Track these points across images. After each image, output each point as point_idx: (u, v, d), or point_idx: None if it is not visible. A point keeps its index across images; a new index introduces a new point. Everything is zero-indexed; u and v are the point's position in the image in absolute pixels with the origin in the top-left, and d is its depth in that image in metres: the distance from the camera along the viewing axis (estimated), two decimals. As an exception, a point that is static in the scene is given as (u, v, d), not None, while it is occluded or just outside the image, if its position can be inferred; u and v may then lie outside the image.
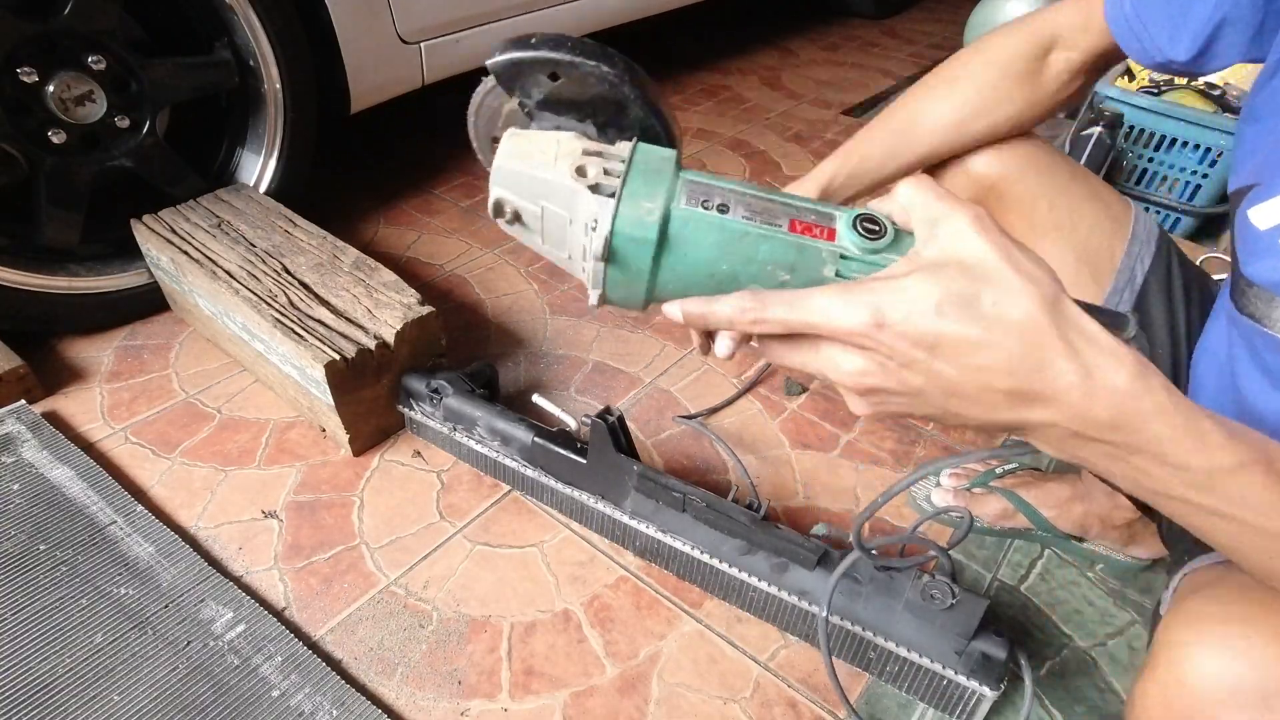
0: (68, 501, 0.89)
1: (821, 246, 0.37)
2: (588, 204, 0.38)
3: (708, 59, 2.50)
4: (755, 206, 0.38)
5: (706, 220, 0.38)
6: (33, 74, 0.99)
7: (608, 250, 0.38)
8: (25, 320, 1.09)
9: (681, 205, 0.38)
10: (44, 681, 0.72)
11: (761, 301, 0.36)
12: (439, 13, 1.37)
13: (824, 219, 0.38)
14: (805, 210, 0.38)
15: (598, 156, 0.40)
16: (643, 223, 0.37)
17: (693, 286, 0.39)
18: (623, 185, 0.38)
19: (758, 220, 0.38)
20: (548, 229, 0.42)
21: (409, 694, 0.76)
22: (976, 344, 0.33)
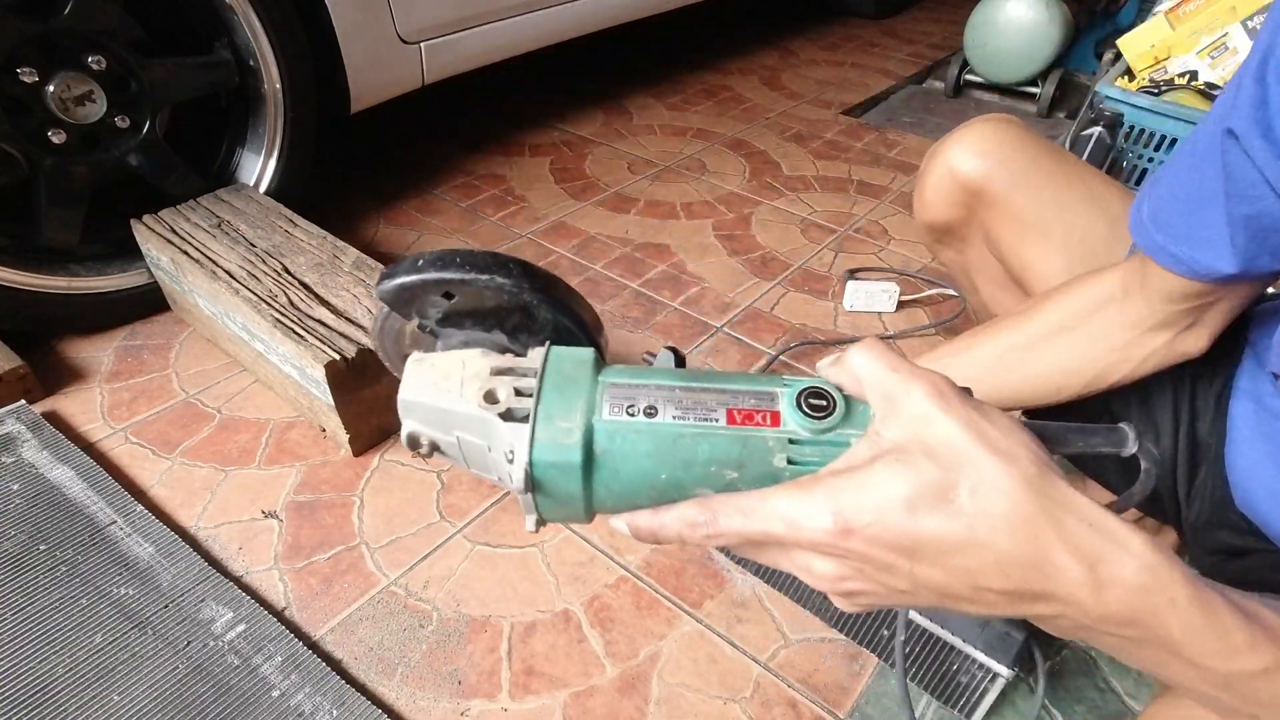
0: (68, 501, 0.89)
1: (767, 435, 0.33)
2: (501, 433, 0.35)
3: (708, 59, 2.50)
4: (686, 402, 0.34)
5: (635, 429, 0.34)
6: (33, 74, 0.99)
7: (529, 481, 0.34)
8: (25, 320, 1.09)
9: (605, 416, 0.34)
10: (44, 681, 0.72)
11: (713, 513, 0.32)
12: (439, 13, 1.37)
13: (764, 400, 0.34)
14: (743, 395, 0.35)
15: (508, 374, 0.37)
16: (562, 446, 0.33)
17: (635, 498, 0.35)
18: (536, 405, 0.34)
19: (691, 418, 0.34)
20: (468, 456, 0.39)
21: (409, 694, 0.76)
22: (960, 545, 0.29)
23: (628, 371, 0.37)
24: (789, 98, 2.24)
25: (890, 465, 0.30)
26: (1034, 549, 0.28)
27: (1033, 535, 0.28)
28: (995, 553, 0.28)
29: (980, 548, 0.28)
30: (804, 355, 1.23)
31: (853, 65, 2.52)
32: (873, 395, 0.33)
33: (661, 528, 0.34)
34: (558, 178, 1.74)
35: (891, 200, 1.70)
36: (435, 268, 0.40)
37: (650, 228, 1.56)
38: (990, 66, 2.20)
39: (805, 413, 0.33)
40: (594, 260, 1.44)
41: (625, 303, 1.33)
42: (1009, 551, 0.28)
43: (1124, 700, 0.79)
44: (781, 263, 1.47)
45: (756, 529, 0.31)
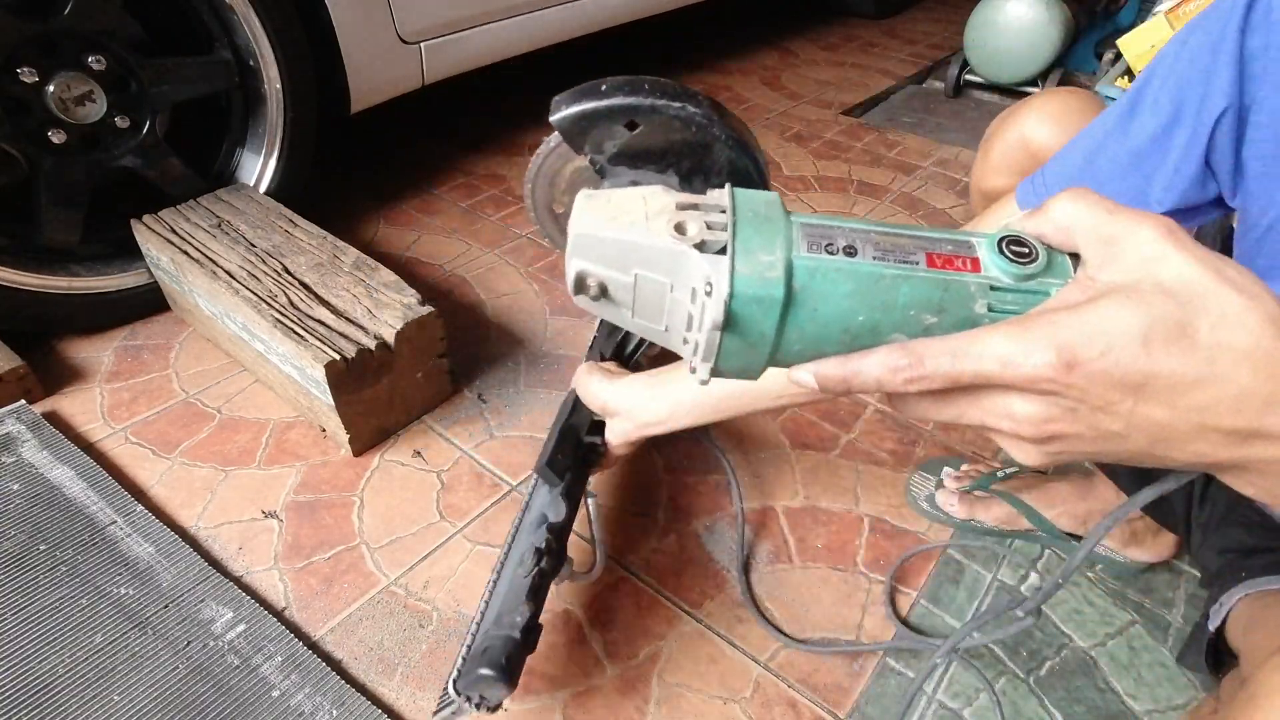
0: (68, 501, 0.89)
1: (969, 280, 0.32)
2: (696, 266, 0.33)
3: (708, 59, 2.50)
4: (884, 244, 0.33)
5: (835, 268, 0.32)
6: (33, 74, 0.99)
7: (728, 315, 0.32)
8: (25, 320, 1.09)
9: (803, 253, 0.32)
10: (44, 681, 0.72)
11: (917, 355, 0.31)
12: (439, 13, 1.37)
13: (963, 248, 0.33)
14: (940, 241, 0.33)
15: (694, 209, 0.34)
16: (765, 279, 0.32)
17: (824, 345, 0.33)
18: (733, 239, 0.32)
19: (891, 260, 0.32)
20: (642, 300, 0.36)
21: (409, 694, 0.76)
22: (1198, 380, 0.27)
23: (818, 216, 0.35)
24: (789, 98, 2.24)
25: (1120, 301, 0.28)
26: (1273, 385, 0.27)
27: (1275, 373, 0.27)
28: (1235, 387, 0.27)
29: (1219, 382, 0.27)
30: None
31: (853, 65, 2.52)
32: (1087, 242, 0.31)
33: (855, 374, 0.32)
34: (558, 178, 1.73)
35: (892, 200, 1.70)
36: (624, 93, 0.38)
37: (650, 228, 1.56)
38: (990, 66, 2.20)
39: (1009, 258, 0.32)
40: (594, 260, 1.44)
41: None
42: (1249, 386, 0.27)
43: (1124, 700, 0.79)
44: (781, 263, 1.47)
45: (968, 369, 0.30)
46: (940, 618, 0.86)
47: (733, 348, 0.33)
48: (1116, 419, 0.29)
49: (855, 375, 0.32)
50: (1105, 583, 0.90)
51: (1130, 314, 0.28)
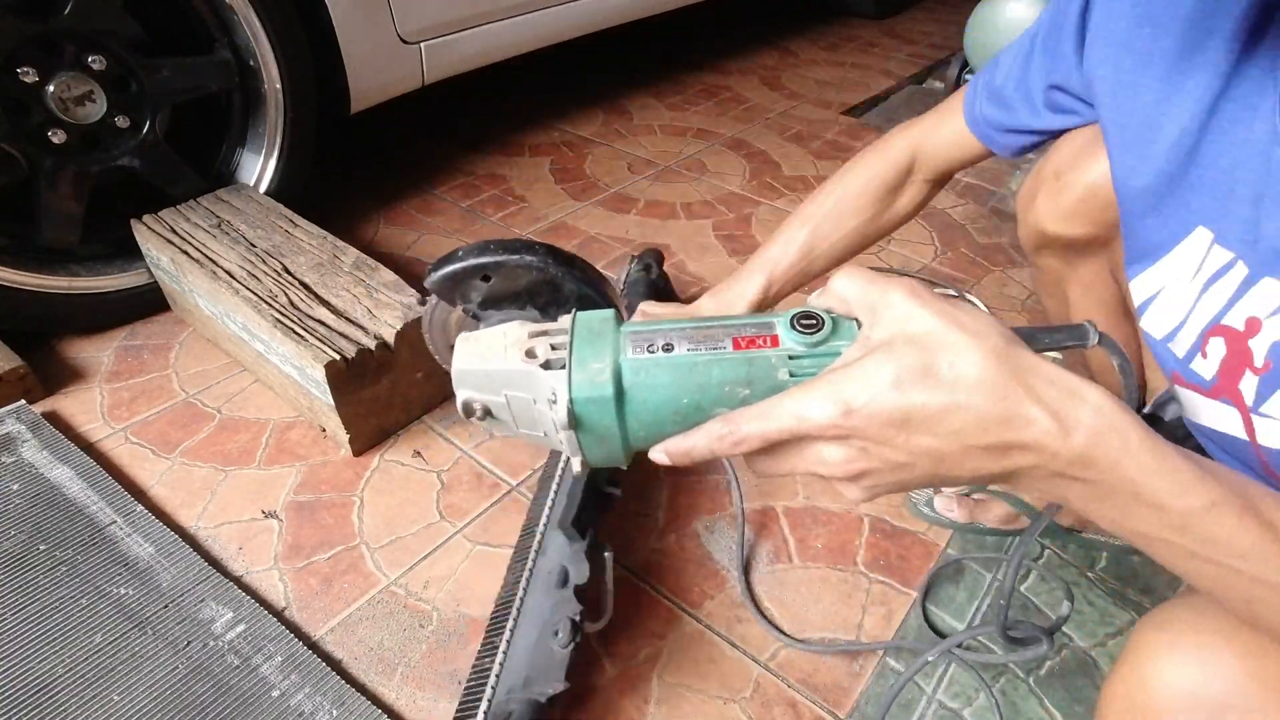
0: (68, 501, 0.89)
1: (770, 354, 0.39)
2: (543, 381, 0.40)
3: (708, 59, 2.50)
4: (696, 337, 0.40)
5: (655, 363, 0.39)
6: (33, 74, 0.99)
7: (572, 417, 0.39)
8: (25, 320, 1.09)
9: (629, 355, 0.40)
10: (44, 681, 0.72)
11: (734, 423, 0.37)
12: (439, 13, 1.37)
13: (763, 328, 0.40)
14: (744, 326, 0.40)
15: (542, 336, 0.42)
16: (595, 383, 0.39)
17: (663, 427, 0.40)
18: (570, 354, 0.40)
19: (702, 349, 0.39)
20: (516, 414, 0.44)
21: (409, 694, 0.76)
22: (944, 410, 0.33)
23: (644, 323, 0.42)
24: (789, 98, 2.24)
25: (878, 356, 0.34)
26: (1006, 405, 0.33)
27: (1004, 394, 0.33)
28: (975, 412, 0.33)
29: (962, 410, 0.33)
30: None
31: (853, 65, 2.52)
32: (858, 309, 0.38)
33: (693, 447, 0.39)
34: (558, 178, 1.74)
35: (891, 200, 1.70)
36: (474, 255, 0.47)
37: (650, 228, 1.56)
38: (990, 66, 2.19)
39: (799, 331, 0.38)
40: (594, 260, 1.44)
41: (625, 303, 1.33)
42: (987, 409, 0.33)
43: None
44: (781, 263, 1.47)
45: (773, 428, 0.36)
46: (940, 617, 0.86)
47: (590, 442, 0.41)
48: (898, 450, 0.34)
49: (693, 448, 0.39)
50: (1105, 583, 0.90)
51: (886, 364, 0.34)
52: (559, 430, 0.41)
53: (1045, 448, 0.33)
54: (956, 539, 0.94)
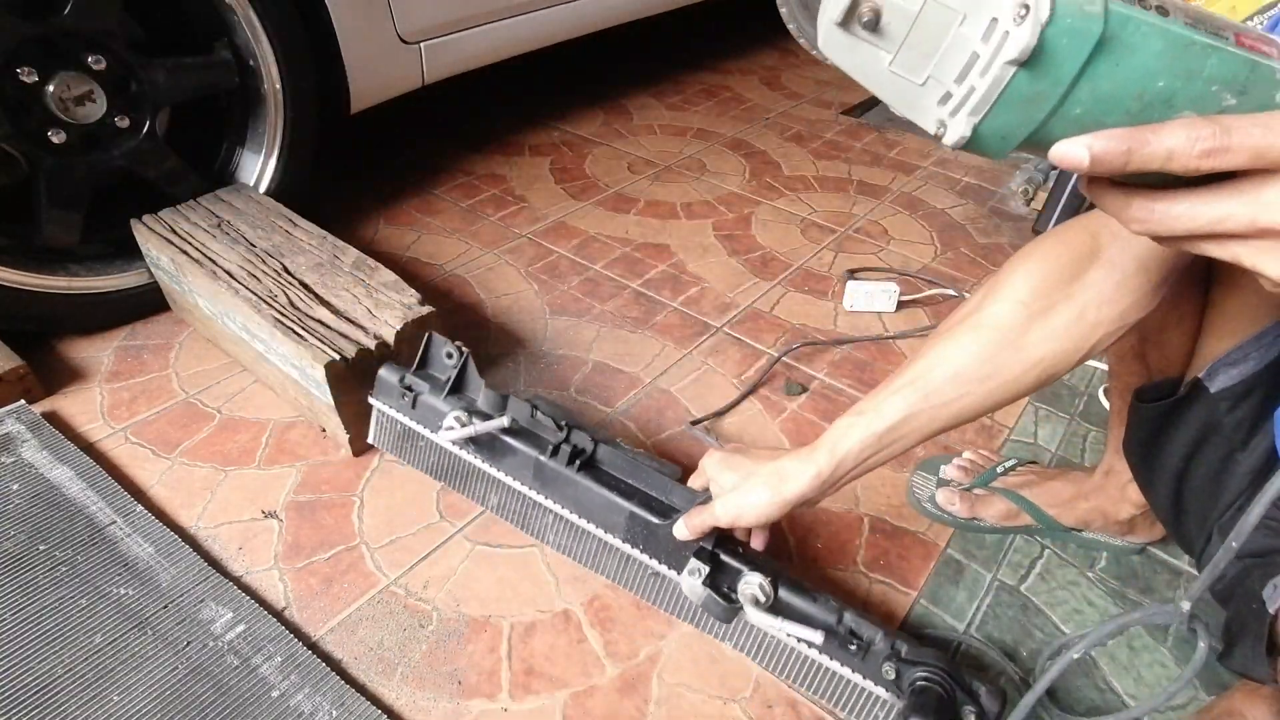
0: (67, 501, 0.89)
1: (1277, 66, 0.30)
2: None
3: (708, 59, 2.50)
4: (1194, 14, 0.30)
5: (1149, 23, 0.29)
6: (33, 74, 0.99)
7: (1039, 45, 0.29)
8: (25, 320, 1.09)
9: (1116, 5, 0.29)
10: (44, 681, 0.72)
11: (1223, 125, 0.28)
12: (439, 13, 1.37)
13: (1270, 41, 0.31)
14: (1248, 29, 0.31)
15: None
16: (1086, 11, 0.29)
17: (1110, 112, 0.31)
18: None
19: (1202, 29, 0.30)
20: (919, 34, 0.32)
21: (409, 694, 0.76)
22: None
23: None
24: (789, 98, 2.24)
25: None
26: None
27: None
28: None
29: None
30: (804, 356, 1.23)
31: (853, 65, 2.52)
32: None
33: (1143, 144, 0.29)
34: (558, 178, 1.74)
35: (891, 200, 1.70)
36: None
37: (650, 228, 1.56)
38: (990, 66, 2.19)
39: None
40: (594, 260, 1.44)
41: (625, 303, 1.33)
42: None
43: (1124, 700, 0.79)
44: (782, 263, 1.47)
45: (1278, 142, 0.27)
46: (940, 617, 0.86)
47: (1017, 95, 0.30)
48: None
49: (1144, 144, 0.29)
50: (1105, 583, 0.90)
51: None
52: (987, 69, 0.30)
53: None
54: (957, 539, 0.94)
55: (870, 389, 1.15)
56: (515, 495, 0.85)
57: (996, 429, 1.11)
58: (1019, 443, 1.09)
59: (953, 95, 0.31)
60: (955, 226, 1.61)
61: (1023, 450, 1.08)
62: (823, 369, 1.21)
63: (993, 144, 0.32)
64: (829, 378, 1.19)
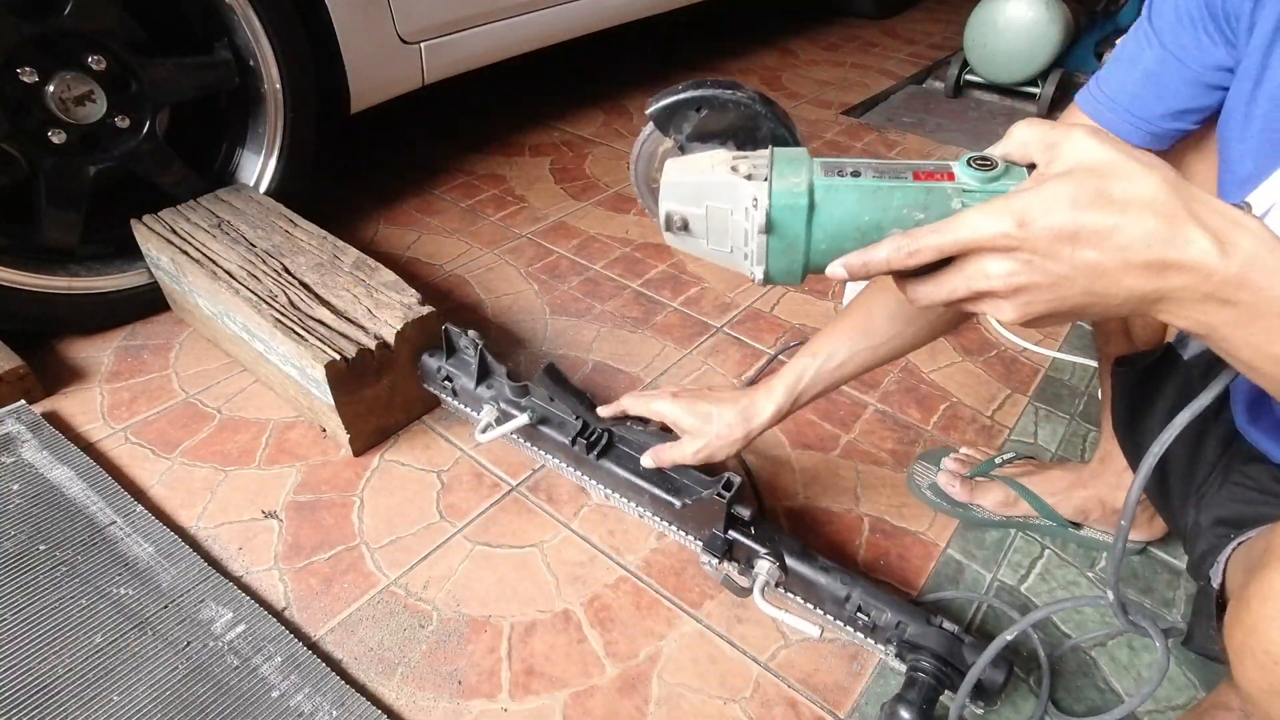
0: (68, 501, 0.89)
1: (946, 186, 0.43)
2: (745, 190, 0.46)
3: (708, 59, 2.50)
4: (881, 168, 0.45)
5: (844, 184, 0.44)
6: (33, 74, 0.99)
7: (769, 222, 0.45)
8: (25, 320, 1.09)
9: (821, 177, 0.45)
10: (44, 681, 0.72)
11: (912, 236, 0.41)
12: (439, 13, 1.37)
13: (940, 166, 0.44)
14: (924, 164, 0.45)
15: (745, 159, 0.48)
16: (793, 193, 0.45)
17: (843, 242, 0.45)
18: (770, 170, 0.46)
19: (886, 177, 0.44)
20: (711, 226, 0.49)
21: (409, 694, 0.76)
22: (1113, 227, 0.36)
23: (834, 157, 0.47)
24: (789, 98, 2.24)
25: (1057, 180, 0.38)
26: (1172, 226, 0.36)
27: (1171, 215, 0.36)
28: (1142, 228, 0.36)
29: (1129, 226, 0.36)
30: (804, 355, 1.23)
31: (853, 65, 2.52)
32: (1037, 151, 0.41)
33: (871, 258, 0.43)
34: (558, 178, 1.74)
35: (891, 200, 1.70)
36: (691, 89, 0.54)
37: (650, 228, 1.56)
38: (990, 66, 2.19)
39: (974, 168, 0.43)
40: (594, 260, 1.44)
41: (625, 303, 1.33)
42: (1152, 227, 0.36)
43: (1124, 700, 0.79)
44: (781, 263, 1.47)
45: (948, 239, 0.40)
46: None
47: (777, 249, 0.46)
48: (1061, 264, 0.38)
49: (871, 259, 0.43)
50: (1105, 583, 0.90)
51: (1065, 186, 0.37)
52: (751, 239, 0.46)
53: (1202, 267, 0.36)
54: (957, 539, 0.94)
55: (868, 388, 1.15)
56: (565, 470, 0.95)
57: (996, 429, 1.11)
58: (1019, 442, 1.09)
59: (747, 255, 0.48)
60: (955, 226, 1.60)
61: (1023, 450, 1.08)
62: (823, 369, 1.20)
63: (784, 278, 0.48)
64: (829, 378, 1.19)
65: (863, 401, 1.15)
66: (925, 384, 1.19)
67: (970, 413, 1.14)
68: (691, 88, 0.54)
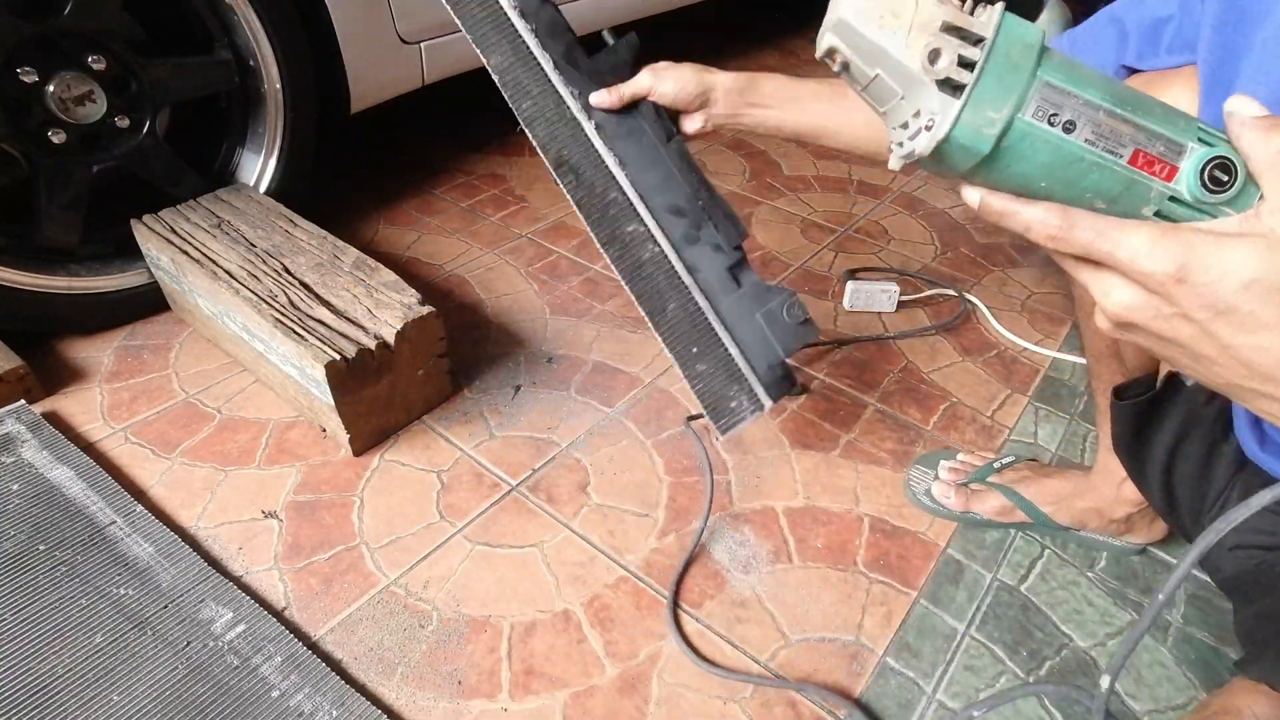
0: (67, 501, 0.89)
1: (1154, 185, 0.35)
2: (930, 97, 0.36)
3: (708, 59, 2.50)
4: (1105, 128, 0.35)
5: (1045, 139, 0.35)
6: (33, 74, 0.99)
7: (936, 152, 0.36)
8: (25, 320, 1.09)
9: (1028, 116, 0.35)
10: (44, 681, 0.72)
11: (1070, 222, 0.35)
12: (439, 13, 1.37)
13: (1172, 151, 0.35)
14: (1156, 139, 0.35)
15: (956, 35, 0.36)
16: (980, 134, 0.35)
17: (1002, 185, 0.37)
18: (973, 85, 0.35)
19: (1099, 146, 0.35)
20: (875, 90, 0.39)
21: (409, 694, 0.76)
22: (1264, 325, 0.32)
23: (1068, 70, 0.36)
24: (789, 98, 2.23)
25: (1253, 244, 0.32)
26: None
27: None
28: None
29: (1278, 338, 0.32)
30: (805, 356, 1.23)
31: (853, 65, 2.52)
32: (1266, 173, 0.34)
33: (1014, 213, 0.37)
34: (558, 178, 1.73)
35: (891, 200, 1.70)
36: None
37: (650, 228, 1.56)
38: (990, 66, 2.19)
39: (1204, 184, 0.35)
40: (594, 260, 1.44)
41: (625, 303, 1.33)
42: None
43: (1124, 700, 0.79)
44: (781, 263, 1.47)
45: (1103, 249, 0.34)
46: (940, 617, 0.86)
47: (927, 165, 0.38)
48: (1189, 327, 0.34)
49: (1014, 215, 0.37)
50: (1105, 583, 0.90)
51: (1253, 259, 0.31)
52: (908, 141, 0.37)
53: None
54: (957, 539, 0.94)
55: (871, 389, 1.15)
56: None
57: (996, 429, 1.11)
58: (1019, 442, 1.09)
59: (894, 136, 0.39)
60: (955, 226, 1.61)
61: (1023, 450, 1.08)
62: (823, 369, 1.21)
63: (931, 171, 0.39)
64: (829, 378, 1.19)
65: (862, 401, 1.15)
66: (925, 384, 1.19)
67: (970, 412, 1.14)
68: None
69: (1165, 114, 0.36)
